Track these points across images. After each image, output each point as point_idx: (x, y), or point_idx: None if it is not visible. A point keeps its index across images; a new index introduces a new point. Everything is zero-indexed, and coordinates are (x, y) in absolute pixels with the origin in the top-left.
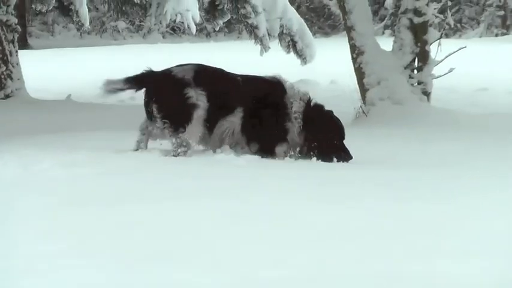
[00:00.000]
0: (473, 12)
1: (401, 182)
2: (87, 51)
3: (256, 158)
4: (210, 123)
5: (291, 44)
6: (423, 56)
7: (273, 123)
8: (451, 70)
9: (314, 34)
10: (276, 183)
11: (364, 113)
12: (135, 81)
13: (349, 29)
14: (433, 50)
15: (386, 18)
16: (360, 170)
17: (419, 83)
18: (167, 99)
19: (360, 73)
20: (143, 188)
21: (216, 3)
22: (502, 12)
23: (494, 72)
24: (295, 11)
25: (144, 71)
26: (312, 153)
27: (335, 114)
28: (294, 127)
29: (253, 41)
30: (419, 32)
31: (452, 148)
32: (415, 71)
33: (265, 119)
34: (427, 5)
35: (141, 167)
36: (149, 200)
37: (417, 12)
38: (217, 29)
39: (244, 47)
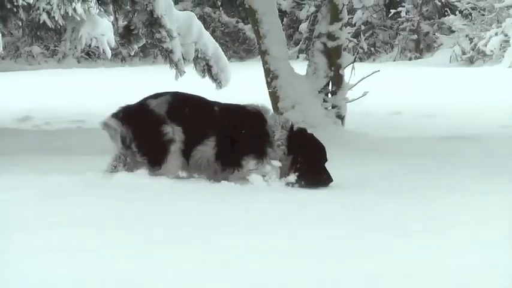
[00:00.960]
0: (387, 36)
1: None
2: (1, 76)
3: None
4: (186, 154)
5: (206, 68)
6: (337, 80)
7: (249, 142)
8: (365, 94)
9: (229, 58)
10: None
11: None
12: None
13: (263, 53)
14: (347, 73)
15: (300, 43)
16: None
17: (333, 107)
18: (145, 136)
19: (274, 97)
20: (74, 212)
21: (131, 27)
22: (415, 36)
23: (408, 95)
24: (210, 35)
25: (123, 107)
26: (299, 177)
27: None
28: (276, 153)
29: (169, 65)
30: (333, 56)
31: (363, 171)
32: (329, 95)
33: (241, 141)
34: (341, 29)
35: (68, 191)
36: (77, 224)
37: (331, 36)
38: (132, 53)
39: (160, 71)
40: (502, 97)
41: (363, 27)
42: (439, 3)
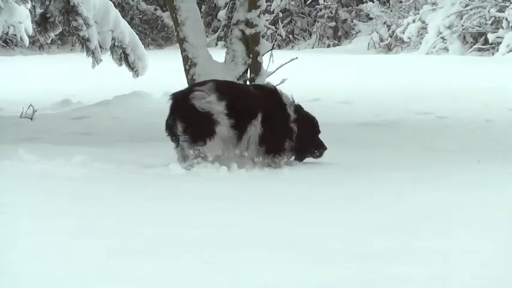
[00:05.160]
0: (305, 24)
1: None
2: None
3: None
4: (238, 131)
5: (123, 56)
6: (255, 67)
7: (281, 125)
8: (283, 81)
9: (148, 46)
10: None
11: None
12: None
13: (181, 41)
14: (265, 61)
15: (219, 30)
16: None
17: None
18: (190, 117)
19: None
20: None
21: (47, 15)
22: (333, 24)
23: (326, 82)
24: (127, 23)
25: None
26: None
27: None
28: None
29: (85, 53)
30: (251, 43)
31: None
32: (248, 82)
33: (276, 123)
34: (259, 16)
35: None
36: None
37: (249, 23)
38: (49, 41)
39: (78, 59)
40: (419, 84)
41: (281, 15)
42: None
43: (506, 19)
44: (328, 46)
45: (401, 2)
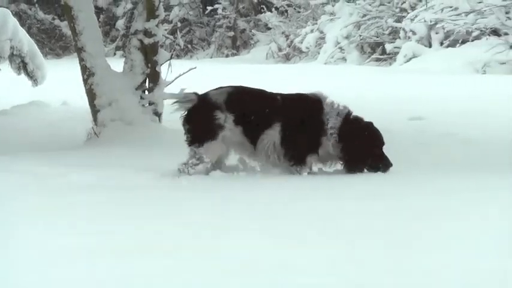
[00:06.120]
0: (203, 33)
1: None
2: None
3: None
4: (251, 140)
5: (22, 65)
6: (154, 77)
7: (306, 135)
8: (181, 90)
9: (46, 55)
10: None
11: (95, 134)
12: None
13: (79, 50)
14: (164, 70)
15: (117, 40)
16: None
17: (150, 104)
18: (197, 119)
19: (91, 94)
20: None
21: None
22: (232, 33)
23: None
24: (25, 32)
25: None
26: (344, 164)
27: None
28: (329, 141)
29: None
30: (149, 53)
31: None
32: (146, 92)
33: (300, 132)
34: (158, 26)
35: None
36: None
37: (147, 33)
38: None
39: None
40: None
41: (179, 24)
42: (255, 1)
43: (403, 29)
44: (227, 56)
45: (299, 12)
